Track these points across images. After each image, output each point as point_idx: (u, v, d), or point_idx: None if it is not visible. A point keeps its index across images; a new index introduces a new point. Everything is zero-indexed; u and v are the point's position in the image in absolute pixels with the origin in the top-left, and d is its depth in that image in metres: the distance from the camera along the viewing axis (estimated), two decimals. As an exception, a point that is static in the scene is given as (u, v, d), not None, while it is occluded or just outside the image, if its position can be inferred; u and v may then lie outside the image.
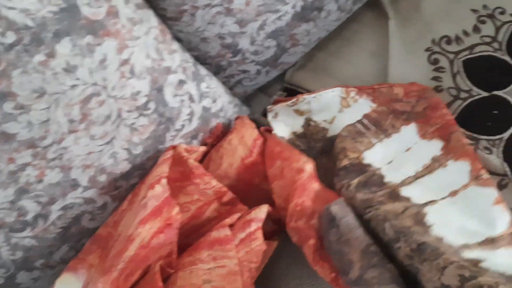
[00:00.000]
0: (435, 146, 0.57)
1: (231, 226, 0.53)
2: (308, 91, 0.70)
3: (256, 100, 0.75)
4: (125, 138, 0.52)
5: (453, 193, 0.53)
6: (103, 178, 0.52)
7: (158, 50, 0.53)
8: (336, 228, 0.49)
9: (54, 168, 0.48)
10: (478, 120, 0.60)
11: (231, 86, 0.68)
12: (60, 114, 0.46)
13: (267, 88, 0.74)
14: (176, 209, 0.52)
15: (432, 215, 0.51)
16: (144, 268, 0.50)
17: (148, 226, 0.49)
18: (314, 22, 0.65)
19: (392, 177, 0.57)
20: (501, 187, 0.55)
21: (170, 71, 0.55)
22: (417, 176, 0.56)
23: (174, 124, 0.56)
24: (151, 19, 0.53)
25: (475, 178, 0.53)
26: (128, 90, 0.50)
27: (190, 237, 0.57)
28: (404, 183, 0.56)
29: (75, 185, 0.51)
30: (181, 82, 0.56)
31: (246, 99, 0.74)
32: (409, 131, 0.60)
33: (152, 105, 0.53)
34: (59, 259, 0.55)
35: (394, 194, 0.55)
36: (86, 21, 0.46)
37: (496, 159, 0.56)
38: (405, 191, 0.55)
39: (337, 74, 0.71)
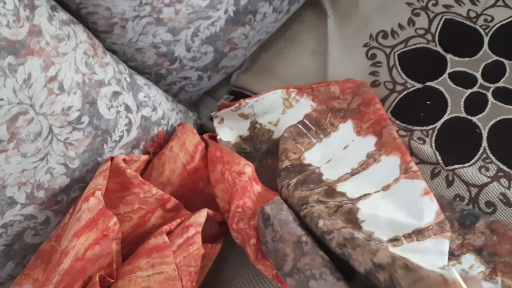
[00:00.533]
0: (369, 142, 0.58)
1: (170, 232, 0.54)
2: (254, 93, 0.71)
3: (204, 104, 0.76)
4: (59, 153, 0.53)
5: (386, 187, 0.55)
6: (41, 194, 0.53)
7: (88, 64, 0.54)
8: (270, 226, 0.50)
9: (-13, 188, 0.49)
10: (412, 111, 0.61)
11: (175, 93, 0.69)
12: (-14, 135, 0.47)
13: (214, 92, 0.75)
14: (113, 220, 0.53)
15: (364, 210, 0.53)
16: (85, 280, 0.51)
17: (83, 238, 0.50)
18: (250, 25, 0.66)
19: (329, 174, 0.58)
20: (433, 175, 0.56)
21: (103, 84, 0.55)
22: (353, 173, 0.57)
23: (112, 135, 0.57)
24: (79, 34, 0.54)
25: (405, 171, 0.54)
26: (58, 106, 0.51)
27: (137, 245, 0.58)
28: (340, 179, 0.57)
29: (12, 203, 0.51)
30: (116, 94, 0.57)
31: (194, 105, 0.75)
32: (346, 128, 0.61)
33: (85, 119, 0.54)
34: (7, 276, 0.56)
35: (330, 190, 0.56)
36: (6, 42, 0.46)
37: (428, 149, 0.58)
38: (341, 187, 0.56)
39: (281, 74, 0.72)
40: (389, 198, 0.54)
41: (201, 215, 0.54)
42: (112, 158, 0.57)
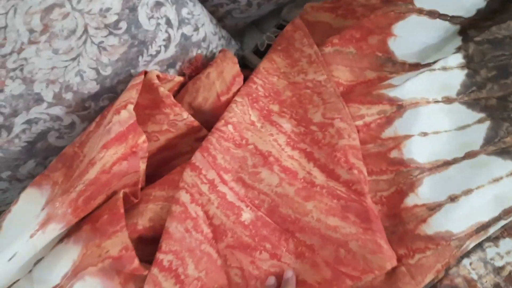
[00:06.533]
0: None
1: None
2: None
3: (249, 35, 0.71)
4: (92, 57, 0.50)
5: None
6: (69, 96, 0.51)
7: (134, -35, 0.49)
8: None
9: (15, 79, 0.47)
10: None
11: (220, 17, 0.64)
12: (18, 22, 0.44)
13: (262, 23, 0.70)
14: (143, 138, 0.50)
15: None
16: (109, 194, 0.50)
17: (112, 151, 0.48)
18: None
19: None
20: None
21: (146, -10, 0.51)
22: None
23: (148, 48, 0.53)
24: None
25: None
26: (97, 5, 0.47)
27: (161, 168, 0.56)
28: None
29: (38, 99, 0.49)
30: (158, 4, 0.52)
31: (238, 34, 0.70)
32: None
33: (123, 25, 0.50)
34: (27, 173, 0.55)
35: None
36: None
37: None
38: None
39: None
40: None
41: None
42: (146, 73, 0.53)
